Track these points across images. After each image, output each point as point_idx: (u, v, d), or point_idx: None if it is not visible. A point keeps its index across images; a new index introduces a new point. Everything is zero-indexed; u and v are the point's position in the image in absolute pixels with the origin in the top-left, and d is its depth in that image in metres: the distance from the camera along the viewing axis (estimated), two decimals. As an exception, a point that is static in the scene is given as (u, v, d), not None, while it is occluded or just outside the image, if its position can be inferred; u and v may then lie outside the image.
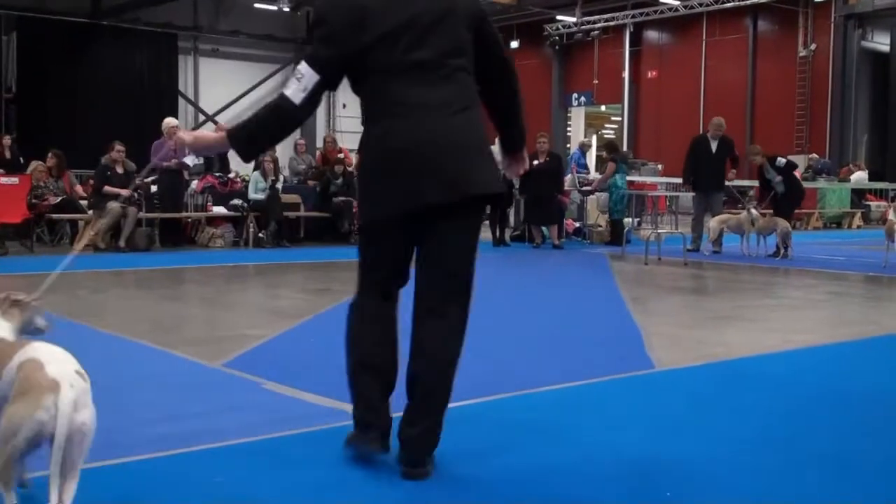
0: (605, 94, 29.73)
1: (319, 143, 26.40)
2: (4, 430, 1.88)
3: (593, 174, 16.82)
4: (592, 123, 35.87)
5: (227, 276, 9.51)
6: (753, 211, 12.04)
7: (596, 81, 29.31)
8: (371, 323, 2.84)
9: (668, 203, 18.24)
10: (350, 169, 14.97)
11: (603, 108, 33.20)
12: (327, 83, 2.69)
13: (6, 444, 1.88)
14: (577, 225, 14.70)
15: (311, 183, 14.41)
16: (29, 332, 2.50)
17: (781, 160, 12.39)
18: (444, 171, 2.60)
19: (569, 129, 32.20)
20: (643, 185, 19.47)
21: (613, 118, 34.72)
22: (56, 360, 2.08)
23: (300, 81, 2.66)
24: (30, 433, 1.89)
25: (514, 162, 3.05)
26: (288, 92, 2.67)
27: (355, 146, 26.13)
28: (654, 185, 20.87)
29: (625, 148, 27.22)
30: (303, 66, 2.68)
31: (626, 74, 28.40)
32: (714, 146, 12.59)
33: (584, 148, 17.88)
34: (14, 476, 1.98)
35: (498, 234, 13.32)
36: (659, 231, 12.16)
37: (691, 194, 13.06)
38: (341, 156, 15.00)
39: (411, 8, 2.66)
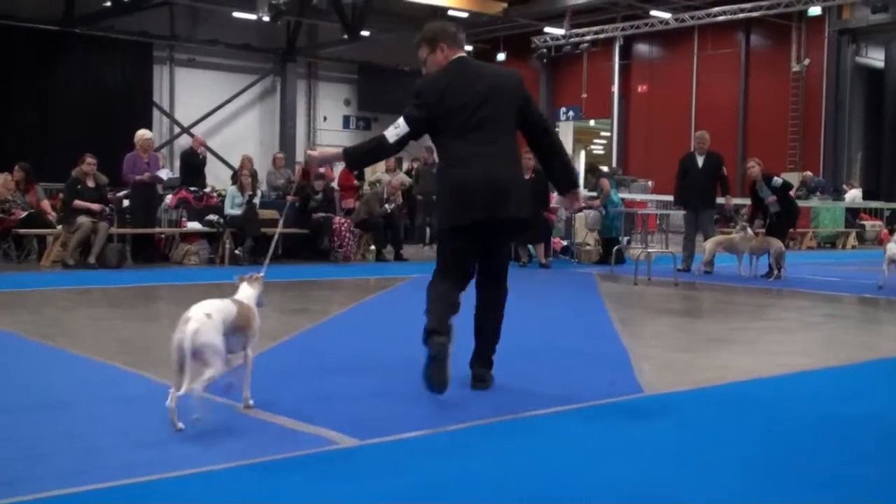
0: (593, 108, 29.92)
1: (299, 157, 26.56)
2: (171, 344, 3.52)
3: (581, 191, 16.92)
4: (581, 139, 36.06)
5: (202, 294, 9.43)
6: (749, 230, 12.12)
7: (584, 95, 29.50)
8: (437, 300, 4.46)
9: (658, 221, 18.33)
10: (331, 184, 14.96)
11: (592, 122, 33.41)
12: (413, 135, 4.56)
13: (171, 356, 3.50)
14: (565, 243, 14.75)
15: (289, 198, 14.39)
16: (259, 302, 4.33)
17: (778, 180, 12.41)
18: (487, 201, 4.37)
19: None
20: (633, 203, 19.58)
21: (602, 133, 34.94)
22: (198, 308, 3.70)
23: (397, 129, 4.53)
24: (175, 345, 3.53)
25: (568, 199, 4.92)
26: (387, 134, 4.57)
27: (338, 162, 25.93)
28: (643, 203, 20.99)
29: (613, 164, 27.39)
30: (400, 121, 4.53)
31: (615, 88, 28.59)
32: (700, 161, 12.68)
33: (572, 164, 17.99)
34: (180, 375, 3.52)
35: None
36: (649, 250, 12.20)
37: (682, 212, 13.13)
38: (322, 170, 15.02)
39: (473, 90, 4.48)
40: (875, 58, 25.97)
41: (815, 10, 23.60)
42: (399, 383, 4.88)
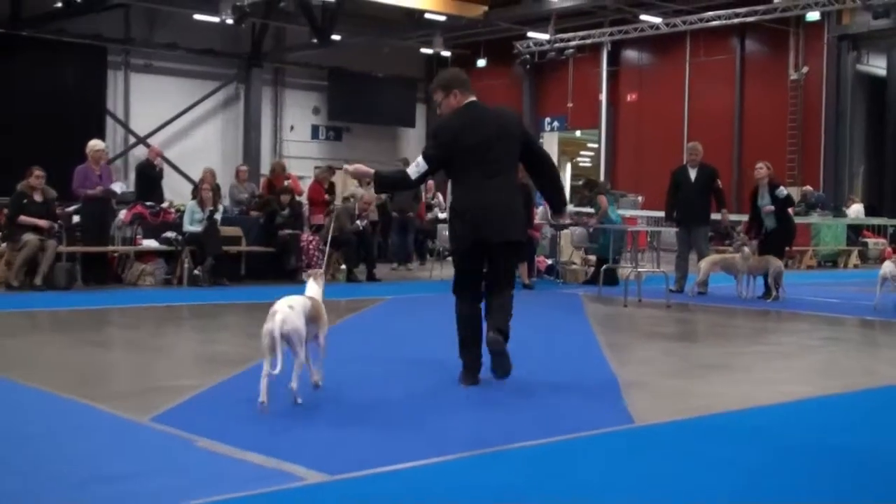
0: (580, 118, 30.10)
1: (264, 170, 26.53)
2: (262, 335, 4.73)
3: (568, 206, 16.98)
4: (567, 150, 36.24)
5: (158, 318, 9.41)
6: (747, 249, 12.21)
7: (570, 104, 29.67)
8: (465, 320, 5.87)
9: (649, 239, 18.44)
10: (298, 199, 14.95)
11: (578, 133, 33.61)
12: (431, 171, 5.88)
13: (262, 340, 4.72)
14: (550, 262, 14.81)
15: (253, 214, 14.37)
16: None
17: (783, 191, 12.46)
18: (494, 224, 5.72)
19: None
20: (622, 220, 19.68)
21: (590, 144, 35.12)
22: (283, 302, 4.86)
23: (417, 167, 5.85)
24: (266, 333, 4.68)
25: (558, 218, 8.86)
26: (410, 171, 5.92)
27: (305, 172, 25.98)
28: (633, 220, 21.12)
29: (601, 177, 27.53)
30: (420, 159, 5.84)
31: (603, 97, 28.80)
32: (693, 174, 12.78)
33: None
34: (271, 356, 4.69)
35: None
36: (639, 270, 12.27)
37: (674, 229, 13.21)
38: (289, 183, 15.01)
39: (483, 132, 5.75)
40: (877, 65, 26.25)
41: (813, 16, 23.80)
42: (373, 414, 4.88)
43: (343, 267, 13.78)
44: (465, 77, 6.09)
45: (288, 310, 4.92)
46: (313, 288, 5.53)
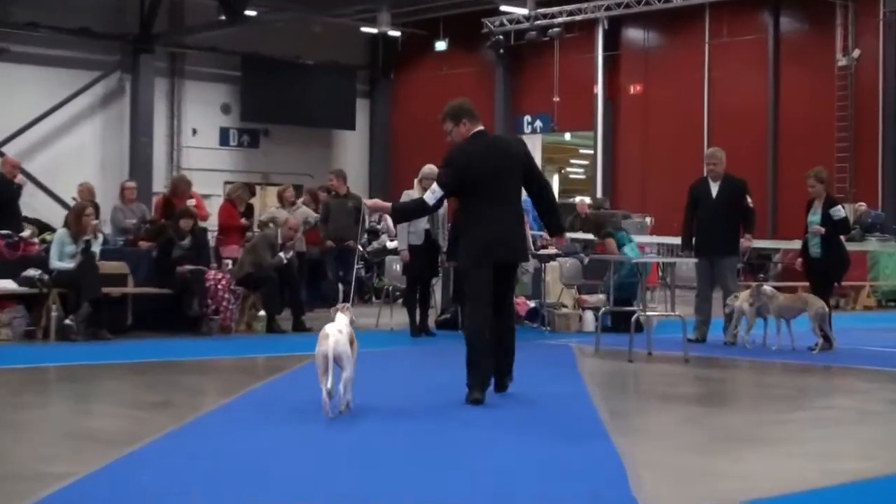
0: (569, 116, 30.32)
1: (157, 186, 26.39)
2: (316, 357, 7.01)
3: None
4: (553, 158, 36.46)
5: (18, 383, 9.29)
6: (767, 287, 12.29)
7: (557, 99, 29.87)
8: (480, 331, 7.94)
9: (661, 273, 18.55)
10: (203, 225, 14.90)
11: (567, 136, 33.84)
12: (447, 196, 8.17)
13: (317, 361, 7.00)
14: (533, 305, 14.84)
15: (144, 244, 14.27)
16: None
17: (840, 211, 12.54)
18: (503, 246, 8.05)
19: (519, 166, 32.67)
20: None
21: (582, 151, 35.36)
22: (331, 327, 7.11)
23: (434, 194, 8.04)
24: (321, 355, 6.92)
25: (556, 239, 9.10)
26: (427, 198, 8.16)
27: (211, 189, 25.92)
28: (640, 247, 21.19)
29: (598, 193, 27.64)
30: (435, 186, 8.05)
31: (598, 90, 29.05)
32: (715, 189, 12.91)
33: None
34: (325, 375, 6.93)
35: (418, 318, 13.37)
36: (648, 313, 12.31)
37: (693, 260, 13.30)
38: (192, 203, 14.92)
39: (494, 160, 8.03)
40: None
41: (866, -14, 24.10)
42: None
43: (261, 314, 13.71)
44: (473, 108, 8.34)
45: (338, 334, 7.08)
46: (343, 319, 7.33)
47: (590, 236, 19.42)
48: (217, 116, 30.84)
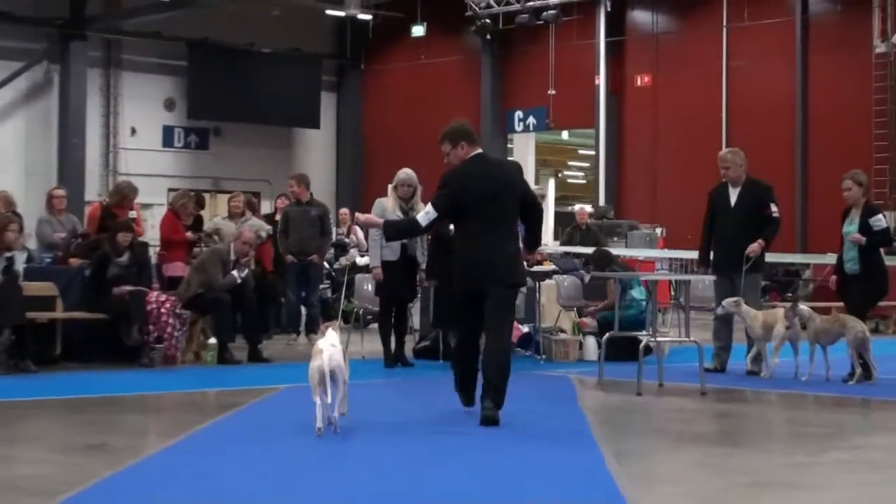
0: (567, 112, 30.36)
1: (90, 194, 26.29)
2: (311, 372, 8.12)
3: (552, 245, 17.04)
4: (549, 161, 36.54)
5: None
6: (804, 308, 12.24)
7: (552, 92, 29.91)
8: (460, 360, 9.52)
9: (673, 293, 18.55)
10: (142, 239, 14.85)
11: (565, 134, 33.92)
12: (441, 218, 9.36)
13: (312, 377, 8.10)
14: (526, 330, 14.82)
15: (75, 262, 14.20)
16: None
17: (881, 220, 12.44)
18: (491, 271, 9.16)
19: (509, 169, 32.66)
20: (632, 263, 19.78)
21: (582, 152, 35.46)
22: (324, 342, 8.23)
23: (427, 215, 9.25)
24: (315, 370, 8.04)
25: (529, 255, 11.24)
26: (419, 218, 9.44)
27: (154, 198, 25.93)
28: (649, 263, 21.23)
29: (600, 201, 27.67)
30: (429, 208, 9.22)
31: (600, 81, 29.11)
32: (734, 197, 12.90)
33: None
34: (319, 391, 8.04)
35: (393, 346, 13.32)
36: (660, 339, 12.31)
37: (709, 277, 13.29)
38: (133, 214, 14.86)
39: (491, 183, 9.19)
40: None
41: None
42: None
43: (211, 341, 13.65)
44: (472, 130, 9.54)
45: (332, 348, 8.09)
46: (334, 336, 8.31)
47: (590, 250, 19.43)
48: (160, 113, 30.79)
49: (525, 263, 14.52)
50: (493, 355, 9.04)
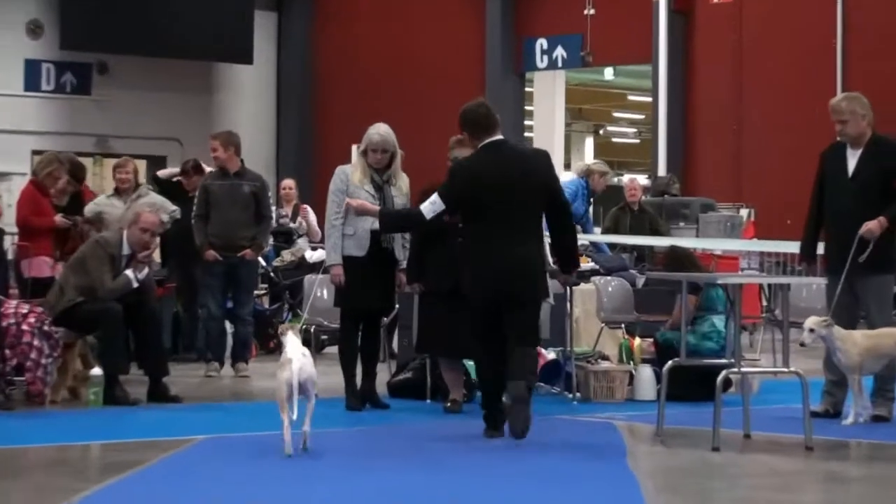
0: (612, 41, 30.55)
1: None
2: (279, 385, 10.26)
3: (596, 235, 17.07)
4: (585, 112, 36.65)
5: None
6: None
7: (591, 12, 30.02)
8: (486, 373, 11.79)
9: (765, 302, 18.58)
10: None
11: (609, 73, 33.95)
12: (449, 212, 11.56)
13: (280, 391, 10.22)
14: (552, 357, 14.84)
15: None
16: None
17: None
18: (509, 283, 11.35)
19: (528, 122, 32.60)
20: (706, 259, 19.79)
21: (633, 97, 35.54)
22: (293, 350, 10.40)
23: (433, 206, 11.37)
24: (284, 382, 10.14)
25: (563, 277, 13.09)
26: (424, 209, 11.50)
27: (12, 166, 26.07)
28: (731, 260, 21.30)
29: (660, 170, 27.69)
30: (436, 197, 11.36)
31: (660, -4, 29.26)
32: (852, 163, 12.98)
33: (585, 176, 18.35)
34: (287, 408, 10.09)
35: (359, 379, 13.35)
36: (746, 369, 12.34)
37: (818, 280, 13.31)
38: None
39: (506, 173, 11.32)
40: None
41: None
42: None
43: (95, 372, 13.66)
44: (488, 112, 11.43)
45: (303, 357, 9.96)
46: (294, 341, 10.25)
47: (648, 241, 19.51)
48: (21, 43, 30.83)
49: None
50: (521, 361, 11.01)
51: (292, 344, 10.09)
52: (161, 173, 18.95)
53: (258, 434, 11.62)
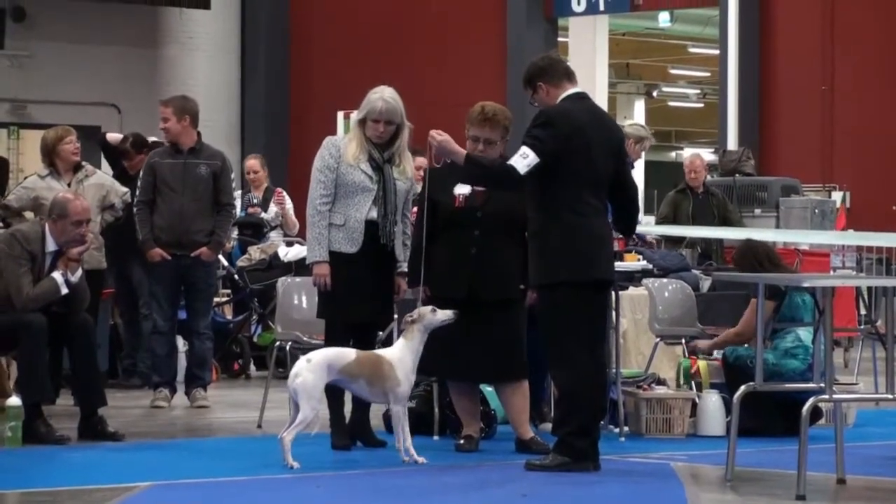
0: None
1: None
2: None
3: (648, 226, 17.20)
4: (635, 69, 36.79)
5: None
6: None
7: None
8: (587, 384, 11.95)
9: (863, 313, 18.68)
10: None
11: (664, 19, 34.07)
12: (542, 167, 11.86)
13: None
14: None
15: None
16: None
17: None
18: (606, 257, 12.53)
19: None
20: (789, 255, 19.88)
21: (695, 50, 35.73)
22: (311, 354, 13.17)
23: (525, 159, 11.80)
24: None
25: (622, 243, 16.82)
26: (516, 164, 11.90)
27: None
28: (820, 257, 21.39)
29: (729, 144, 27.80)
30: (528, 150, 11.81)
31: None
32: None
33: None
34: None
35: (349, 411, 13.43)
36: (838, 396, 12.41)
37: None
38: None
39: (599, 136, 12.25)
40: None
41: None
42: None
43: (13, 403, 13.74)
44: (558, 58, 12.44)
45: (304, 363, 11.69)
46: (398, 344, 12.16)
47: (715, 233, 19.61)
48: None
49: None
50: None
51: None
52: (110, 137, 18.93)
53: (217, 480, 11.70)
